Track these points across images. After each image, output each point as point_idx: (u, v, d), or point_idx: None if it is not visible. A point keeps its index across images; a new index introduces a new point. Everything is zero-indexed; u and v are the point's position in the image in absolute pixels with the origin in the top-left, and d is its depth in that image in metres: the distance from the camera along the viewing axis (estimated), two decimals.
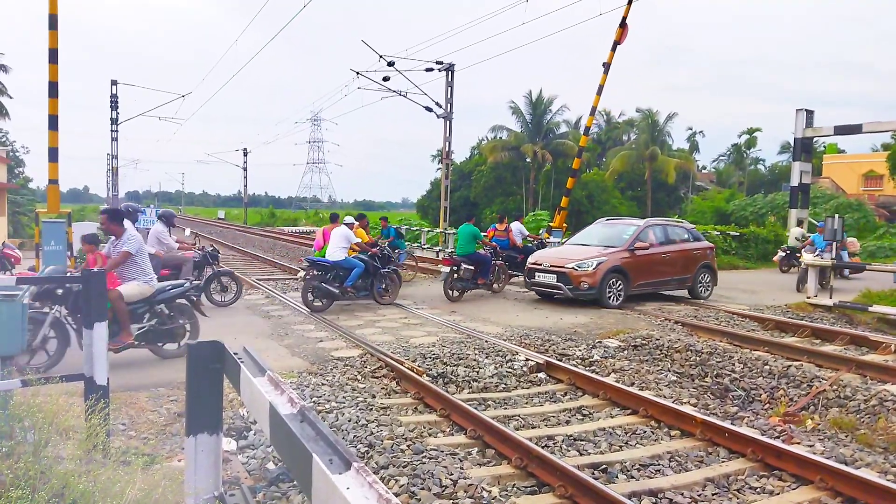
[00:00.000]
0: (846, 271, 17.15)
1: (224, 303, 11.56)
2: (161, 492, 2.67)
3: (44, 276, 7.27)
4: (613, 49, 18.37)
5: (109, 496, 2.58)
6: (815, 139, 23.44)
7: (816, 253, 14.81)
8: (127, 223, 7.62)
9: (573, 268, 11.91)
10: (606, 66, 18.62)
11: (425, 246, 28.37)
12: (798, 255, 16.87)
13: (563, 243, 15.65)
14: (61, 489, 2.56)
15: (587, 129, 22.61)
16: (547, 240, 17.77)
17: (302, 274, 11.49)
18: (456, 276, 12.58)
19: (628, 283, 12.15)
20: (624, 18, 17.81)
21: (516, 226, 15.92)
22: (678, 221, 14.65)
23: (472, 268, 12.71)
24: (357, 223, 12.55)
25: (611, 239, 13.03)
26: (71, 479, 2.58)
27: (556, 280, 12.10)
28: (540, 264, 12.55)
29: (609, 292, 11.89)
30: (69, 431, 3.40)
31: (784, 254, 18.46)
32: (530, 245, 15.88)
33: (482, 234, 13.89)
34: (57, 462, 2.94)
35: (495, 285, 13.52)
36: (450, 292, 12.64)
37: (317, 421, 2.10)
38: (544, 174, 47.93)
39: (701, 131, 67.28)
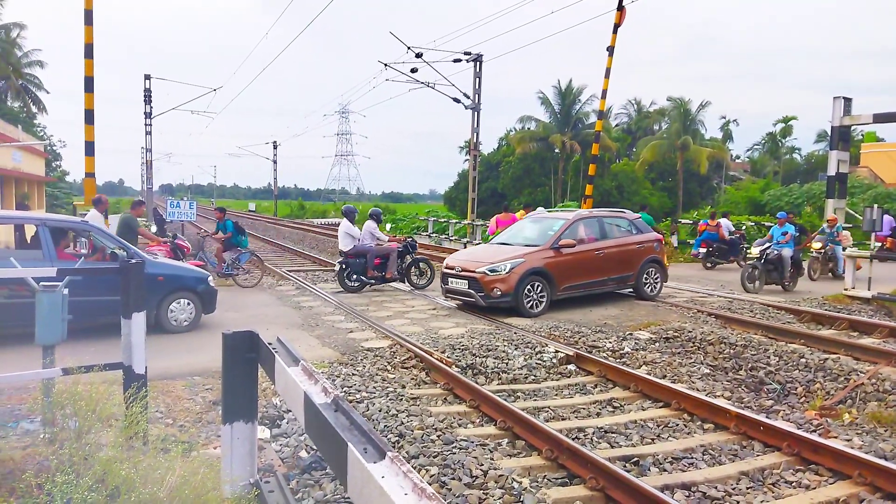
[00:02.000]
0: (840, 268, 15.26)
1: (421, 285, 13.16)
2: (199, 479, 2.73)
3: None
4: (615, 31, 18.96)
5: (150, 482, 2.64)
6: (853, 127, 22.84)
7: (766, 246, 13.35)
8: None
9: (484, 272, 10.28)
10: (610, 49, 19.16)
11: (453, 238, 28.38)
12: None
13: None
14: (103, 475, 2.62)
15: (601, 112, 23.19)
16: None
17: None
18: None
19: (552, 287, 10.57)
20: (620, 1, 18.23)
21: (725, 221, 18.04)
22: (619, 212, 13.10)
23: None
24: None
25: (535, 236, 11.43)
26: (113, 465, 2.65)
27: (467, 286, 10.50)
28: (453, 268, 10.92)
29: (527, 299, 10.28)
30: (110, 419, 3.49)
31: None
32: (735, 238, 17.92)
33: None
34: (98, 449, 3.02)
35: None
36: None
37: (350, 410, 2.13)
38: (573, 165, 47.56)
39: (735, 120, 65.94)
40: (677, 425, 5.76)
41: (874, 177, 40.64)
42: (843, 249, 15.60)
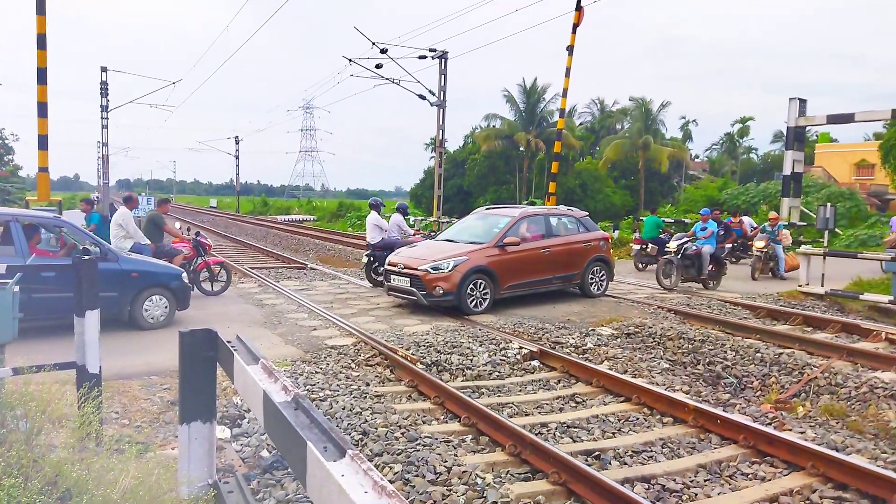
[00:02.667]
0: (780, 269, 15.17)
1: None
2: (155, 480, 2.66)
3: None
4: (574, 31, 19.23)
5: (103, 484, 2.57)
6: (807, 128, 23.49)
7: (684, 241, 13.25)
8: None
9: (426, 270, 10.01)
10: (570, 48, 19.45)
11: None
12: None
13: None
14: (54, 477, 2.54)
15: (563, 111, 23.20)
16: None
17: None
18: (643, 252, 16.44)
19: (496, 286, 10.41)
20: (578, 1, 18.59)
21: (747, 219, 18.95)
22: (566, 210, 12.87)
23: (657, 246, 16.04)
24: None
25: (480, 234, 11.22)
26: (64, 467, 2.57)
27: (409, 284, 10.23)
28: (395, 265, 10.63)
29: (471, 297, 10.12)
30: (62, 420, 3.39)
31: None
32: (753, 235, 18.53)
33: (663, 223, 18.02)
34: (50, 450, 2.93)
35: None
36: (639, 265, 16.68)
37: (311, 408, 2.10)
38: (537, 163, 47.93)
39: (694, 120, 67.52)
40: (637, 419, 5.85)
41: (828, 176, 41.96)
42: (785, 249, 15.57)
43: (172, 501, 2.67)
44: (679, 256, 13.27)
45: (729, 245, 16.20)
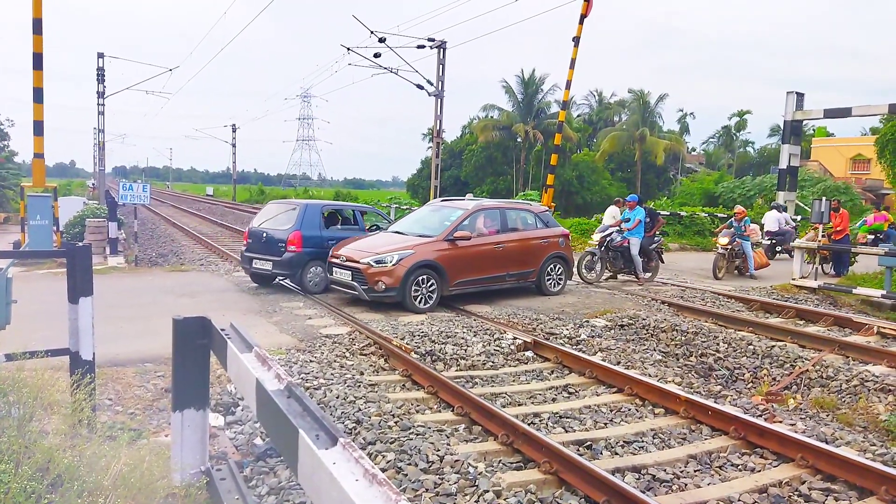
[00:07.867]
0: (750, 268, 14.47)
1: None
2: (147, 466, 2.67)
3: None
4: (581, 22, 18.99)
5: (94, 471, 2.58)
6: (804, 122, 23.49)
7: (608, 233, 12.87)
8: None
9: (368, 264, 9.44)
10: (576, 39, 19.20)
11: None
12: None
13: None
14: (46, 463, 2.55)
15: (564, 103, 23.12)
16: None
17: None
18: None
19: (444, 282, 9.82)
20: None
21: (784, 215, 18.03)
22: (524, 203, 12.40)
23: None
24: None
25: (431, 226, 10.62)
26: (56, 453, 2.58)
27: (350, 278, 9.67)
28: (338, 257, 10.09)
29: (416, 293, 9.55)
30: (54, 406, 3.39)
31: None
32: (788, 230, 17.53)
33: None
34: (42, 436, 2.94)
35: None
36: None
37: (303, 397, 2.11)
38: (535, 154, 47.85)
39: (691, 113, 67.36)
40: (629, 410, 5.89)
41: (824, 170, 42.02)
42: (754, 246, 14.91)
43: (164, 488, 2.68)
44: (602, 248, 12.88)
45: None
